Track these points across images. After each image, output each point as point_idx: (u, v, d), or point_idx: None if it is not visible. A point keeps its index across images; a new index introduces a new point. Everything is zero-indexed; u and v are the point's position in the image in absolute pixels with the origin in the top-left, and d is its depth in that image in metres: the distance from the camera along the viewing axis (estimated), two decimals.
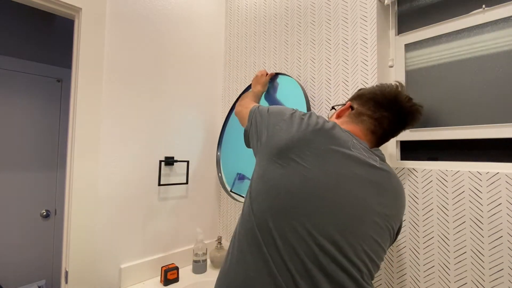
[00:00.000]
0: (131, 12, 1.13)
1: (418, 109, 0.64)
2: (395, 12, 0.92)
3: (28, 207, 1.96)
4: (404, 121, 0.65)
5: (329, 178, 0.53)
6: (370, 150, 0.60)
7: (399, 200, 0.60)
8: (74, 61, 1.01)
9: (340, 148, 0.56)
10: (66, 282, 0.96)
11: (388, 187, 0.58)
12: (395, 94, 0.64)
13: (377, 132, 0.64)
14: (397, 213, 0.59)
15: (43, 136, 2.03)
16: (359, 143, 0.60)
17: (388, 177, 0.59)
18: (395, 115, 0.64)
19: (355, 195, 0.53)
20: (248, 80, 1.33)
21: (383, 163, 0.61)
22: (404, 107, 0.63)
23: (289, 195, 0.53)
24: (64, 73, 2.13)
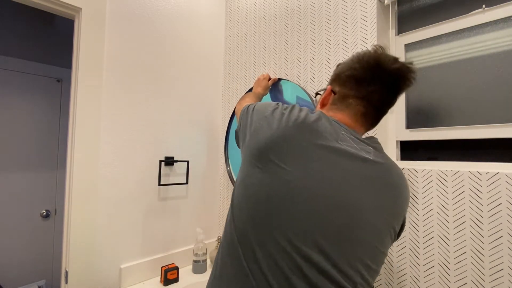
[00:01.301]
0: (131, 12, 1.13)
1: (409, 68, 0.53)
2: (395, 12, 0.92)
3: (28, 207, 1.96)
4: (397, 87, 0.54)
5: (313, 179, 0.46)
6: (362, 141, 0.52)
7: (400, 195, 0.52)
8: (74, 61, 1.01)
9: (325, 142, 0.49)
10: (66, 282, 0.96)
11: (386, 181, 0.50)
12: (375, 62, 0.53)
13: (369, 113, 0.55)
14: (399, 211, 0.52)
15: (43, 136, 2.03)
16: (349, 134, 0.52)
17: (385, 170, 0.51)
18: (383, 85, 0.53)
19: (346, 195, 0.46)
20: (248, 79, 1.33)
21: (379, 153, 0.53)
22: (391, 73, 0.53)
23: (269, 203, 0.47)
24: (64, 73, 2.13)
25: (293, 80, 1.11)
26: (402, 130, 0.89)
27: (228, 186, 1.39)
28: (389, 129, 0.91)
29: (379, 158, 0.52)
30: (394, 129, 0.90)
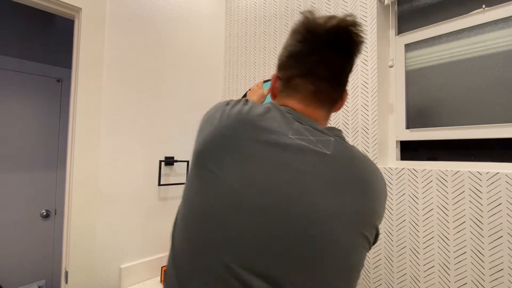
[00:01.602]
0: (131, 12, 1.13)
1: (349, 21, 0.43)
2: (395, 12, 0.92)
3: (28, 207, 1.96)
4: (342, 46, 0.44)
5: (253, 186, 0.38)
6: (321, 131, 0.44)
7: (368, 191, 0.41)
8: (74, 61, 1.01)
9: (272, 138, 0.40)
10: (66, 282, 0.96)
11: (350, 178, 0.40)
12: (305, 27, 0.45)
13: (320, 89, 0.46)
14: (369, 211, 0.41)
15: (43, 136, 2.03)
16: (305, 124, 0.43)
17: (348, 165, 0.41)
18: (325, 51, 0.44)
19: (296, 203, 0.37)
20: (248, 79, 1.33)
21: (341, 146, 0.43)
22: (328, 32, 0.43)
23: (201, 222, 0.39)
24: (64, 73, 2.13)
25: None
26: (402, 130, 0.89)
27: None
28: (389, 129, 0.91)
29: (341, 152, 0.42)
30: (394, 129, 0.90)
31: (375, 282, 0.83)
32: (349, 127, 0.92)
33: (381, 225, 0.82)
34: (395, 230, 0.79)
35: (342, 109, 0.94)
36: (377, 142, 0.85)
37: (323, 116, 0.48)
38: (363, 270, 0.86)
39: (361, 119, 0.88)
